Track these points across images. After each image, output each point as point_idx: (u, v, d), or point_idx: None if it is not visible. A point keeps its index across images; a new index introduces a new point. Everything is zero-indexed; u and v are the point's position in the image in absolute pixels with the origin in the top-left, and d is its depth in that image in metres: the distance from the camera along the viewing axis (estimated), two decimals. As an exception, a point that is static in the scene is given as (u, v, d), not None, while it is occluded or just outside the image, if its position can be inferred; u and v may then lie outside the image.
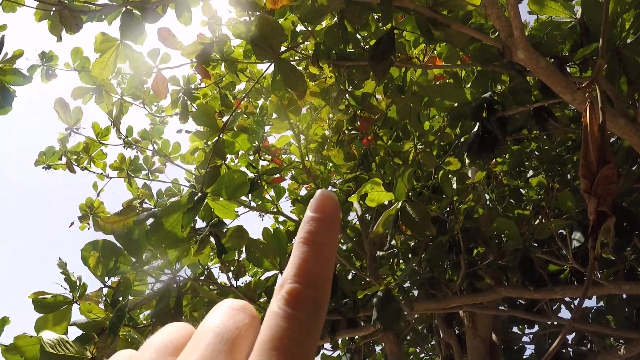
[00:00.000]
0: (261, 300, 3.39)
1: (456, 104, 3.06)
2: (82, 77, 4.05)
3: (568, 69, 3.02)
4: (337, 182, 5.09)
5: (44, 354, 1.79)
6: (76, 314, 2.49)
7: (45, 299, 2.29)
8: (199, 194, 2.03)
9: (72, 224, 5.33)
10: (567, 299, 4.64)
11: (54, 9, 2.60)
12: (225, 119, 2.65)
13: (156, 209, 2.60)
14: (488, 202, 4.40)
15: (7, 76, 3.23)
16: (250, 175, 4.20)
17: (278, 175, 4.55)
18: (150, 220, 2.29)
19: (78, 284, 2.41)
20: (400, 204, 2.50)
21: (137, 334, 3.26)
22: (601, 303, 4.82)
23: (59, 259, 2.46)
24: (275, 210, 4.83)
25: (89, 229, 5.33)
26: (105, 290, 2.64)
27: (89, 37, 2.83)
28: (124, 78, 4.87)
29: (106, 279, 2.48)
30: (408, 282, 4.02)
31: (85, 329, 2.35)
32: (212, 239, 2.70)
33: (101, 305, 2.54)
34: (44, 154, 4.85)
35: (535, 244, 4.01)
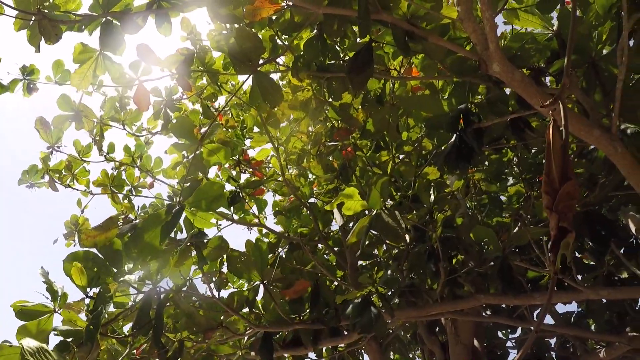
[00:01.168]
0: (243, 310, 3.39)
1: (433, 115, 3.10)
2: (59, 104, 4.04)
3: (548, 78, 3.07)
4: (317, 194, 5.11)
5: (24, 361, 1.79)
6: (57, 324, 2.49)
7: (26, 307, 2.29)
8: (177, 207, 2.04)
9: (56, 240, 5.31)
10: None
11: (33, 18, 2.59)
12: (203, 130, 2.67)
13: (137, 221, 2.61)
14: (468, 210, 4.43)
15: (-17, 85, 3.21)
16: (231, 188, 4.22)
17: (261, 187, 4.57)
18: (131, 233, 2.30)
19: (59, 293, 2.41)
20: (374, 212, 2.53)
21: (120, 346, 3.25)
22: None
23: (42, 268, 2.46)
24: (257, 222, 4.83)
25: (74, 245, 5.30)
26: (87, 301, 2.64)
27: (70, 50, 2.82)
28: (107, 93, 4.87)
29: (88, 289, 2.49)
30: (390, 290, 4.04)
31: (66, 336, 2.35)
32: (193, 251, 2.71)
33: (82, 316, 2.53)
34: (26, 173, 4.83)
35: (517, 250, 4.05)
